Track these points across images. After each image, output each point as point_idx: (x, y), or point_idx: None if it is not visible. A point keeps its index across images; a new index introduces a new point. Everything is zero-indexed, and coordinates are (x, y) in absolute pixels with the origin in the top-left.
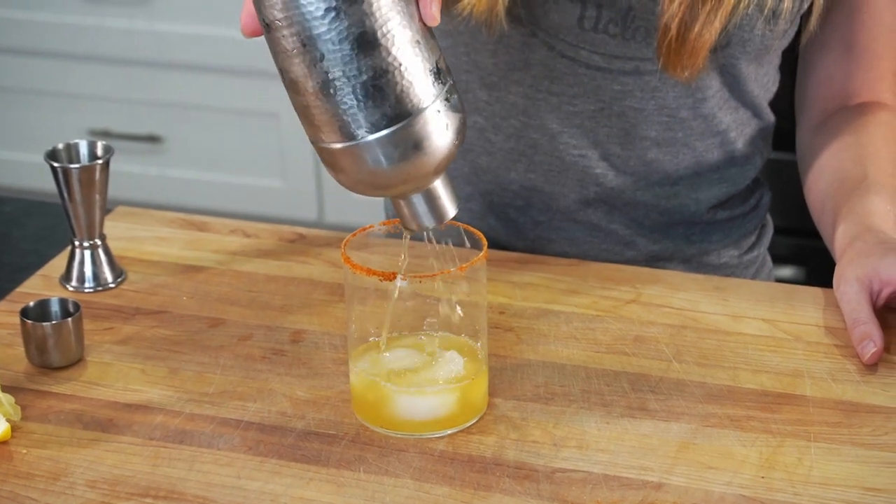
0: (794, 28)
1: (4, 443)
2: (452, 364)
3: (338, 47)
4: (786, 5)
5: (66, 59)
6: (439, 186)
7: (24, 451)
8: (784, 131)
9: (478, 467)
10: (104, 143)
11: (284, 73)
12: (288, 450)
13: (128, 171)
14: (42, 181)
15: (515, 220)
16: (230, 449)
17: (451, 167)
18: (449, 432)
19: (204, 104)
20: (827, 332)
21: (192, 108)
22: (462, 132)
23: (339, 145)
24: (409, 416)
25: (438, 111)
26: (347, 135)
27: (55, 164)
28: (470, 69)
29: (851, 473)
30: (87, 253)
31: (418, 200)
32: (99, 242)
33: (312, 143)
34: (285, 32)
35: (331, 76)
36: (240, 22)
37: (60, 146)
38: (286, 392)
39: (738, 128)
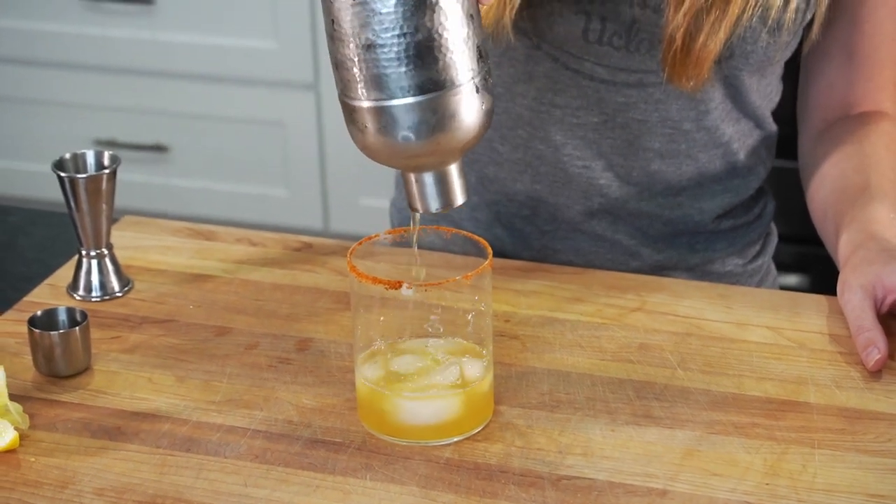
0: (797, 39)
1: (13, 451)
2: (458, 369)
3: (399, 2)
4: (789, 16)
5: (71, 69)
6: (454, 171)
7: (33, 459)
8: (788, 139)
9: (483, 475)
10: (111, 152)
11: (336, 23)
12: (294, 458)
13: (134, 181)
14: (48, 190)
15: (521, 229)
16: (237, 457)
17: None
18: (455, 440)
19: (209, 113)
20: (831, 339)
21: (198, 117)
22: (491, 117)
23: (376, 104)
24: (415, 422)
25: (477, 88)
26: (388, 93)
27: (62, 174)
28: None
29: (855, 480)
30: (94, 262)
31: (430, 180)
32: (106, 252)
33: (346, 100)
34: None
35: (385, 31)
36: None
37: (67, 156)
38: (292, 400)
39: (741, 139)
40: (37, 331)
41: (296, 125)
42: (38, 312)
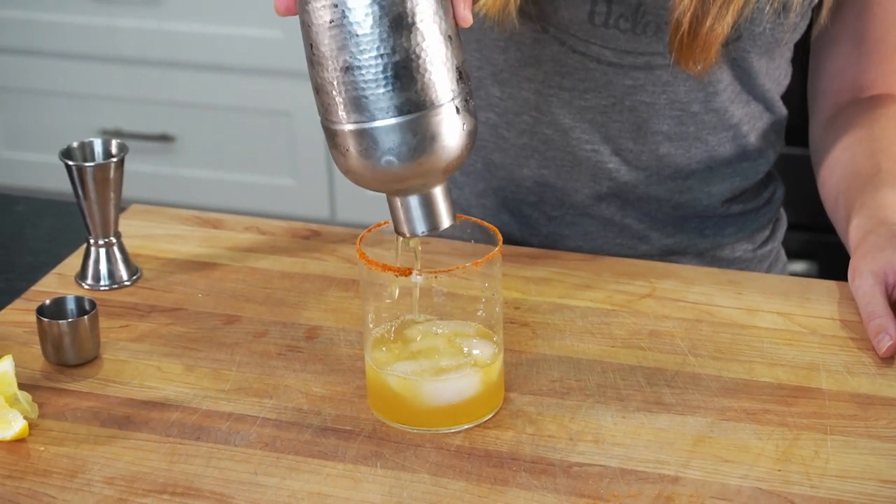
0: (806, 21)
1: (22, 440)
2: (468, 350)
3: (376, 23)
4: None
5: (78, 59)
6: (439, 193)
7: (42, 448)
8: (797, 127)
9: (494, 462)
10: (119, 141)
11: (314, 48)
12: (305, 446)
13: (140, 171)
14: (54, 180)
15: (529, 215)
16: (247, 445)
17: (465, 163)
18: (465, 427)
19: (216, 103)
20: (842, 325)
21: (204, 107)
22: (473, 138)
23: (356, 126)
24: (426, 404)
25: (457, 109)
26: (368, 115)
27: (70, 163)
28: (482, 66)
29: (868, 466)
30: (103, 251)
31: (416, 203)
32: (114, 240)
33: (327, 125)
34: (325, 2)
35: (363, 52)
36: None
37: (75, 144)
38: (302, 388)
39: (751, 121)
40: (45, 320)
41: (302, 114)
42: (47, 301)
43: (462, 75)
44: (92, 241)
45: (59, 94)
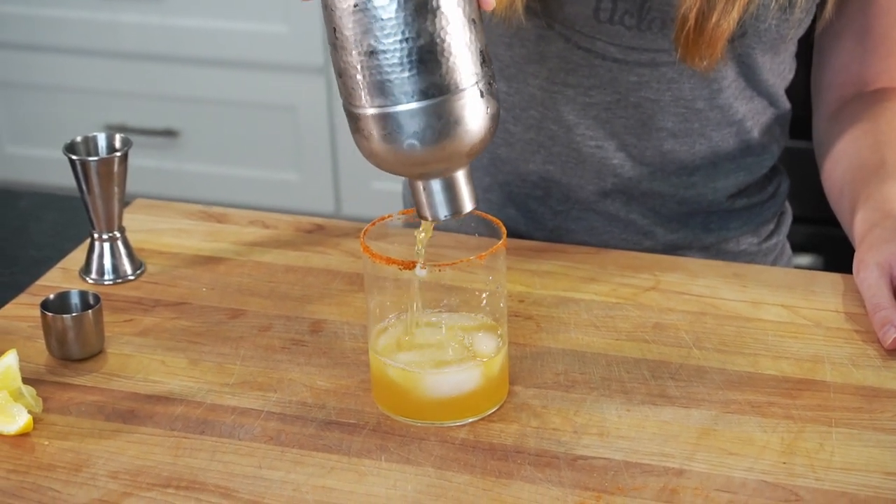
0: (810, 17)
1: (26, 435)
2: (471, 342)
3: (400, 7)
4: None
5: (82, 54)
6: (462, 177)
7: (46, 442)
8: (801, 120)
9: (499, 455)
10: (122, 135)
11: (338, 31)
12: (309, 439)
13: (145, 166)
14: (59, 175)
15: (535, 210)
16: (251, 439)
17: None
18: (470, 420)
19: (220, 98)
20: (847, 317)
21: (209, 102)
22: (496, 122)
23: (380, 110)
24: (427, 396)
25: (481, 93)
26: (392, 100)
27: (74, 157)
28: None
29: (873, 458)
30: (107, 245)
31: (438, 188)
32: (118, 235)
33: (350, 109)
34: None
35: (387, 36)
36: None
37: (79, 139)
38: (306, 382)
39: (755, 117)
40: (49, 314)
41: (307, 109)
42: (51, 296)
43: (485, 59)
44: (96, 235)
45: (63, 89)
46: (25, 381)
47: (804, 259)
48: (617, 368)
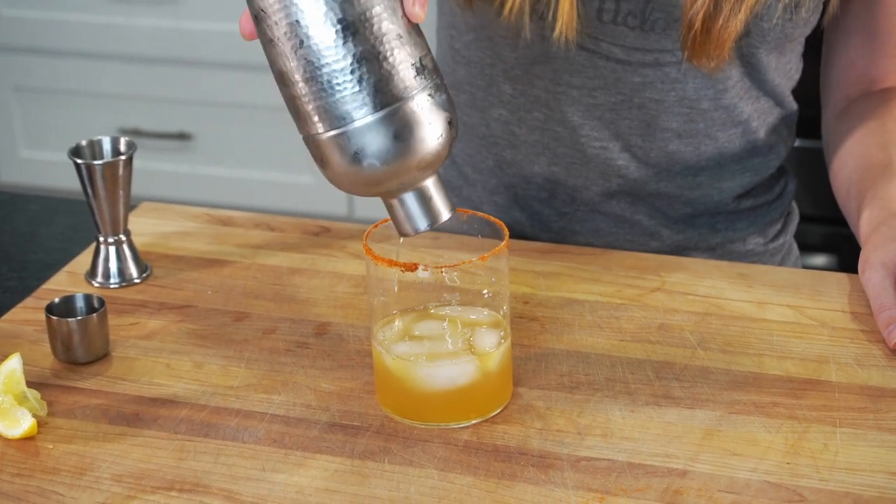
0: (816, 16)
1: (31, 438)
2: (473, 337)
3: (320, 32)
4: None
5: (95, 58)
6: (431, 186)
7: (51, 446)
8: (810, 120)
9: (502, 457)
10: (127, 139)
11: (273, 66)
12: (313, 442)
13: (158, 169)
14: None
15: (540, 212)
16: (255, 442)
17: (477, 160)
18: (473, 422)
19: (233, 101)
20: (852, 317)
21: (222, 105)
22: (449, 133)
23: (324, 135)
24: (422, 389)
25: (420, 105)
26: (331, 124)
27: (79, 161)
28: (494, 62)
29: (877, 458)
30: (112, 249)
31: (410, 200)
32: (124, 238)
33: (308, 137)
34: (270, 22)
35: (313, 63)
36: (239, 26)
37: (84, 143)
38: (311, 384)
39: (760, 117)
40: (54, 318)
41: None
42: (56, 299)
43: (424, 69)
44: (101, 238)
45: (77, 93)
46: (30, 384)
47: (818, 259)
48: (621, 369)
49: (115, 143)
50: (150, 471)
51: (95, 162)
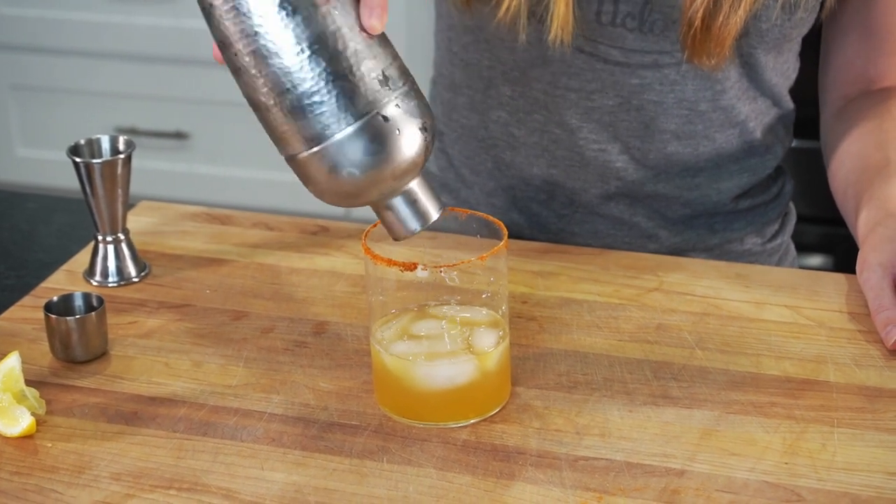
0: (814, 16)
1: (29, 437)
2: (471, 336)
3: (283, 57)
4: None
5: (92, 57)
6: (417, 189)
7: (49, 444)
8: (807, 120)
9: (500, 456)
10: (126, 137)
11: (243, 92)
12: (311, 441)
13: (155, 168)
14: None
15: (538, 214)
16: (253, 441)
17: (475, 162)
18: (472, 421)
19: (231, 100)
20: (850, 317)
21: (219, 104)
22: (423, 138)
23: (301, 155)
24: (420, 388)
25: (386, 116)
26: (306, 144)
27: (77, 159)
28: (492, 64)
29: (875, 458)
30: (111, 247)
31: (399, 205)
32: (122, 237)
33: (288, 156)
34: (233, 50)
35: (276, 88)
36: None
37: (83, 141)
38: (309, 383)
39: (758, 117)
40: (53, 316)
41: None
42: (55, 298)
43: (388, 80)
44: (100, 237)
45: (74, 91)
46: (29, 383)
47: (815, 259)
48: (619, 369)
49: (113, 141)
50: (148, 469)
51: (94, 161)
